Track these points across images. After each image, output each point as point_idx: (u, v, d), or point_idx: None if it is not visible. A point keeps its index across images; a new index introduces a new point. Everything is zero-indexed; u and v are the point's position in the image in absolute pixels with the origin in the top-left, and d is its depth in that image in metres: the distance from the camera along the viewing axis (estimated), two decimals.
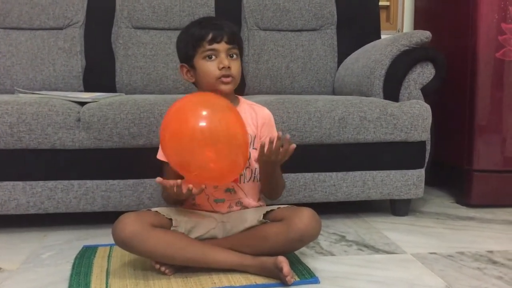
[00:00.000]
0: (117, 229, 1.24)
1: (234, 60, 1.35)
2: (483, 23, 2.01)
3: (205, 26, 1.34)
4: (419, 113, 1.82)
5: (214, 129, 1.19)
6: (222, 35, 1.32)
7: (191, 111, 1.22)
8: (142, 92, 2.23)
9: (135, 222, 1.24)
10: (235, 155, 1.23)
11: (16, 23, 2.23)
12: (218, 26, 1.34)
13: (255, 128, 1.39)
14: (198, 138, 1.18)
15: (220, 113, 1.22)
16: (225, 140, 1.20)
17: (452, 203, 2.13)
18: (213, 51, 1.33)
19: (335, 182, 1.81)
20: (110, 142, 1.66)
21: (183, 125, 1.20)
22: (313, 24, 2.42)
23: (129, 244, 1.24)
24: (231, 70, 1.33)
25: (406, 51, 1.92)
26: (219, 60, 1.33)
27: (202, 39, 1.32)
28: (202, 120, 1.19)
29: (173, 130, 1.22)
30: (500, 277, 1.33)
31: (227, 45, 1.33)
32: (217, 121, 1.20)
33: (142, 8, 2.29)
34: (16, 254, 1.50)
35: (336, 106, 1.78)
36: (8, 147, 1.62)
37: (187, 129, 1.19)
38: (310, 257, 1.46)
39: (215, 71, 1.33)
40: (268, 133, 1.40)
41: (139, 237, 1.23)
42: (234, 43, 1.35)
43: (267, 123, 1.42)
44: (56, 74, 2.20)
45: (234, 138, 1.22)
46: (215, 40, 1.32)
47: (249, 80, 2.34)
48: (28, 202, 1.65)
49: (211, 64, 1.33)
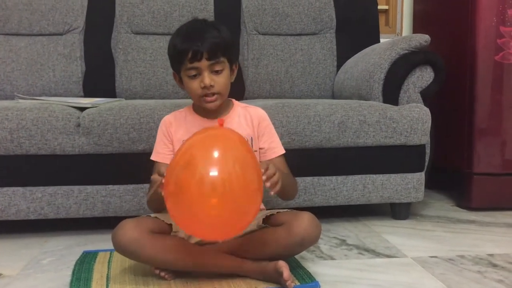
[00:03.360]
0: (117, 235, 1.24)
1: (219, 75, 1.30)
2: (482, 26, 2.02)
3: (186, 39, 1.28)
4: (419, 116, 1.82)
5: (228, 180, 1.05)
6: (202, 52, 1.26)
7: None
8: (142, 97, 2.23)
9: (135, 229, 1.24)
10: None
11: (16, 29, 2.23)
12: (199, 39, 1.27)
13: (252, 129, 1.39)
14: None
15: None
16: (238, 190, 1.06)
17: (452, 207, 2.13)
18: (194, 69, 1.28)
19: (335, 186, 1.81)
20: (110, 147, 1.66)
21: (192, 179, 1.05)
22: (312, 28, 2.42)
23: (128, 250, 1.24)
24: (215, 87, 1.29)
25: (405, 54, 1.93)
26: (200, 79, 1.29)
27: (183, 57, 1.27)
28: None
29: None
30: (500, 280, 1.32)
31: (208, 62, 1.27)
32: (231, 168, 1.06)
33: (142, 13, 2.30)
34: (16, 260, 1.50)
35: (336, 110, 1.78)
36: (8, 153, 1.62)
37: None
38: (311, 261, 1.46)
39: (197, 90, 1.30)
40: (265, 131, 1.40)
41: (138, 243, 1.23)
42: (216, 57, 1.28)
43: (261, 122, 1.41)
44: (56, 79, 2.21)
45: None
46: (195, 58, 1.26)
47: (249, 84, 2.34)
48: (28, 208, 1.65)
49: (193, 82, 1.30)
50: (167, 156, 1.38)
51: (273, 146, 1.42)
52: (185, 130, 1.37)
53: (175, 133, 1.39)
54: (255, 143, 1.39)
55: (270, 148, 1.41)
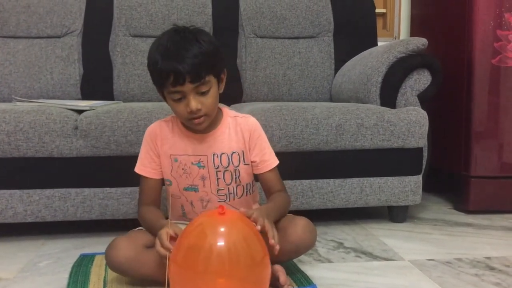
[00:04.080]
0: (111, 255, 1.22)
1: (205, 95, 1.21)
2: (479, 30, 2.02)
3: (166, 59, 1.17)
4: (416, 119, 1.83)
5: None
6: (184, 76, 1.15)
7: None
8: (140, 100, 2.23)
9: (128, 247, 1.22)
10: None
11: (14, 31, 2.23)
12: (180, 60, 1.16)
13: (242, 143, 1.33)
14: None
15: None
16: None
17: (449, 209, 2.14)
18: (178, 93, 1.19)
19: (333, 189, 1.81)
20: (108, 150, 1.66)
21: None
22: (310, 31, 2.43)
23: (124, 270, 1.23)
24: (202, 110, 1.21)
25: (402, 58, 1.93)
26: (186, 103, 1.20)
27: (165, 79, 1.17)
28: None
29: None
30: (498, 283, 1.32)
31: (192, 85, 1.17)
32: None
33: (140, 16, 2.30)
34: (13, 262, 1.49)
35: (333, 113, 1.79)
36: (6, 156, 1.62)
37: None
38: (308, 264, 1.46)
39: (184, 113, 1.22)
40: (257, 142, 1.33)
41: (134, 262, 1.21)
42: (201, 78, 1.18)
43: (252, 133, 1.33)
44: (53, 82, 2.21)
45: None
46: (178, 82, 1.16)
47: (247, 87, 2.34)
48: (26, 211, 1.65)
49: (179, 105, 1.21)
50: (154, 171, 1.33)
51: (266, 159, 1.34)
52: (172, 143, 1.31)
53: (161, 147, 1.32)
54: (247, 157, 1.34)
55: (262, 161, 1.33)
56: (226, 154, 1.30)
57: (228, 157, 1.31)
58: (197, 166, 1.30)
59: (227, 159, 1.30)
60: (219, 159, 1.30)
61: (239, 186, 1.34)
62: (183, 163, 1.30)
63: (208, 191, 1.32)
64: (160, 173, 1.34)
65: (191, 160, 1.30)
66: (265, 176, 1.35)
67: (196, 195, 1.32)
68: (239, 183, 1.34)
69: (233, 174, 1.32)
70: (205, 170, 1.30)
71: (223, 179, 1.31)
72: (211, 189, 1.32)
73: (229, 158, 1.31)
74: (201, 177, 1.31)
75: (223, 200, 1.33)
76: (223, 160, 1.30)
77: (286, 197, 1.35)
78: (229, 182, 1.32)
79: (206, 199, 1.33)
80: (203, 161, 1.30)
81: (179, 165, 1.31)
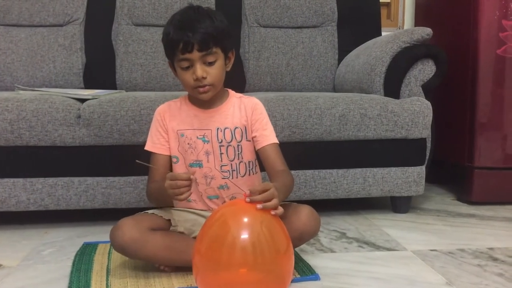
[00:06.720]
0: (116, 235, 1.23)
1: (212, 66, 1.26)
2: (484, 20, 2.01)
3: (178, 30, 1.24)
4: (420, 110, 1.82)
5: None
6: (193, 44, 1.22)
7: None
8: (143, 89, 2.23)
9: (134, 228, 1.23)
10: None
11: (16, 20, 2.23)
12: (190, 30, 1.22)
13: (245, 119, 1.36)
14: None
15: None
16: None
17: (452, 200, 2.13)
18: (186, 60, 1.25)
19: (336, 179, 1.81)
20: (111, 139, 1.66)
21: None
22: (313, 21, 2.41)
23: (128, 250, 1.23)
24: (207, 79, 1.26)
25: (406, 48, 1.92)
26: (193, 71, 1.25)
27: (175, 47, 1.24)
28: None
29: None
30: (500, 274, 1.32)
31: (200, 53, 1.23)
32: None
33: (142, 5, 2.29)
34: (17, 250, 1.50)
35: (337, 103, 1.78)
36: (8, 144, 1.62)
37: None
38: (311, 254, 1.46)
39: (190, 81, 1.27)
40: (258, 118, 1.36)
41: (138, 243, 1.22)
42: (208, 48, 1.24)
43: (255, 110, 1.36)
44: (56, 71, 2.20)
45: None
46: (186, 50, 1.23)
47: (250, 77, 2.33)
48: (29, 199, 1.65)
49: (186, 74, 1.27)
50: (163, 146, 1.37)
51: (266, 134, 1.36)
52: (180, 120, 1.35)
53: (169, 123, 1.36)
54: (249, 133, 1.36)
55: (262, 135, 1.35)
56: (229, 128, 1.33)
57: (232, 132, 1.33)
58: (202, 140, 1.33)
59: (230, 133, 1.33)
60: (222, 133, 1.33)
61: (242, 163, 1.35)
62: (189, 137, 1.34)
63: (212, 167, 1.33)
64: (169, 149, 1.37)
65: (196, 134, 1.33)
66: (266, 151, 1.34)
67: (201, 171, 1.34)
68: (242, 160, 1.35)
69: (236, 149, 1.34)
70: (209, 145, 1.33)
71: (226, 154, 1.33)
72: (214, 164, 1.33)
73: (232, 133, 1.33)
74: (205, 152, 1.33)
75: (226, 177, 1.34)
76: (226, 134, 1.33)
77: (290, 178, 1.35)
78: (232, 158, 1.34)
79: (210, 176, 1.34)
80: (207, 135, 1.33)
81: (185, 139, 1.34)
